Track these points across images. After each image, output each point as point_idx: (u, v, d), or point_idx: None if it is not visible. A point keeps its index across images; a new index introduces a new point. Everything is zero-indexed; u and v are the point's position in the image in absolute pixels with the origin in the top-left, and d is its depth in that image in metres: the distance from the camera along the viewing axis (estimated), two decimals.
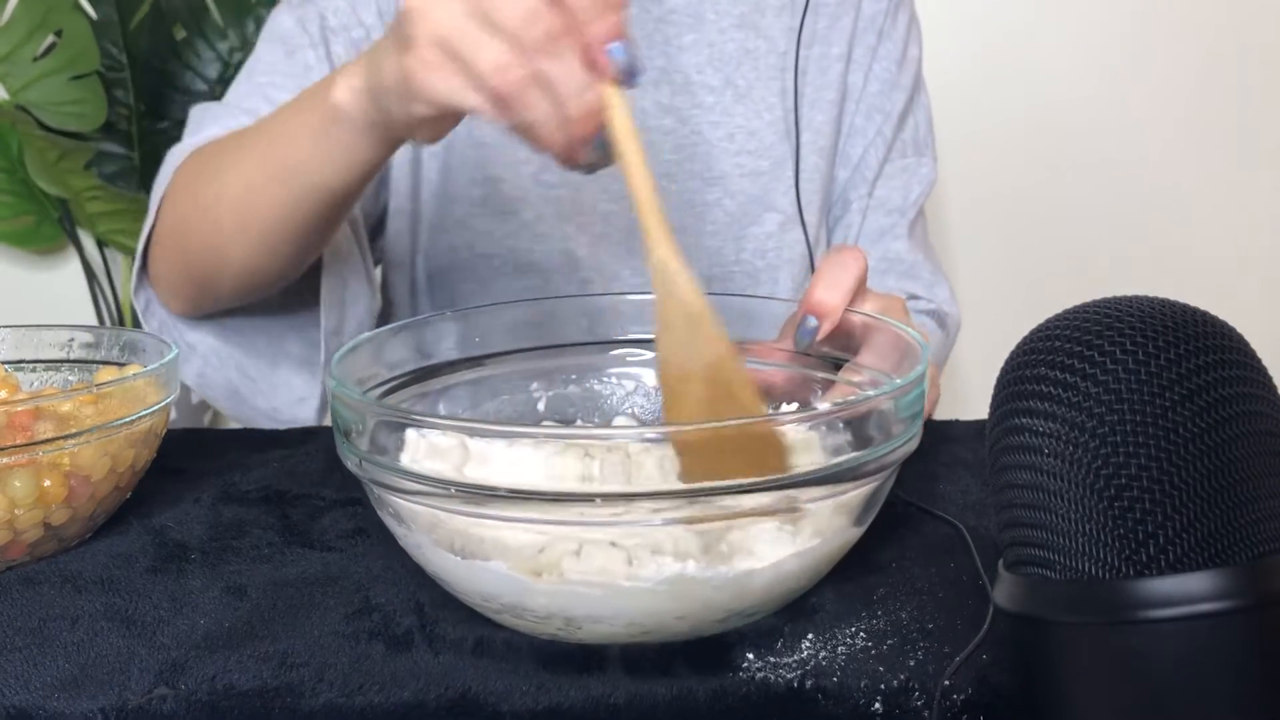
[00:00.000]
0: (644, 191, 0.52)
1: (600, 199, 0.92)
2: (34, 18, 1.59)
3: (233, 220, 0.71)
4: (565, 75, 0.51)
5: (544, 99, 0.51)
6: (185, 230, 0.76)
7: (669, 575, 0.46)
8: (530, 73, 0.51)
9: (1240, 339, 0.40)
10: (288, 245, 0.71)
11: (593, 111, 0.52)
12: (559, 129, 0.52)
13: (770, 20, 0.95)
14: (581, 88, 0.51)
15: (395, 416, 0.50)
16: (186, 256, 0.76)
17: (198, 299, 0.79)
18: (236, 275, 0.74)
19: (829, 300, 0.58)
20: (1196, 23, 1.70)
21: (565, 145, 0.53)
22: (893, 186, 0.98)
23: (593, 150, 0.53)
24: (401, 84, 0.55)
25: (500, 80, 0.51)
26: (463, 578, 0.49)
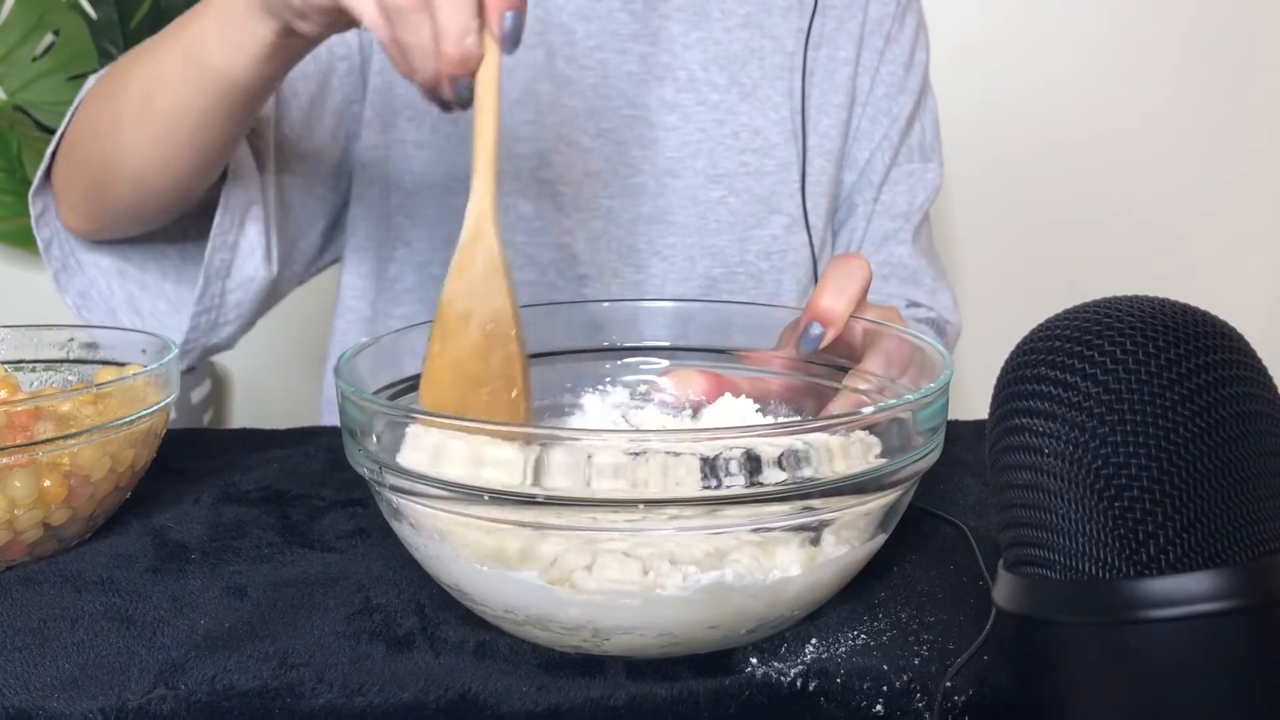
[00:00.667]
0: (485, 144, 0.55)
1: (600, 194, 0.92)
2: (31, 18, 1.59)
3: (134, 113, 0.72)
4: (453, 14, 0.54)
5: (426, 26, 0.54)
6: (90, 126, 0.76)
7: (706, 584, 0.45)
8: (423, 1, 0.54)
9: (1240, 339, 0.40)
10: (186, 137, 0.71)
11: (469, 56, 0.54)
12: (431, 59, 0.55)
13: (776, 20, 0.95)
14: (465, 31, 0.54)
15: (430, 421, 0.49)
16: (87, 157, 0.76)
17: (93, 209, 0.79)
18: (134, 175, 0.74)
19: (834, 308, 0.58)
20: (1198, 26, 1.70)
21: (433, 77, 0.56)
22: (898, 191, 0.98)
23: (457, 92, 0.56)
24: None
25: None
26: (488, 590, 0.48)
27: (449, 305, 0.56)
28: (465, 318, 0.55)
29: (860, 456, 0.48)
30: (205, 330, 0.83)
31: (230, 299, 0.82)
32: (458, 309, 0.55)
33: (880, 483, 0.47)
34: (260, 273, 0.82)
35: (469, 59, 0.55)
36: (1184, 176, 1.75)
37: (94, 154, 0.76)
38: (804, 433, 0.46)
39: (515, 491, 0.45)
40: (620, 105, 0.92)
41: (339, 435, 0.76)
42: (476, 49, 0.54)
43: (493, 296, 0.55)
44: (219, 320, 0.83)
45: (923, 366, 0.57)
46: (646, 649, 0.48)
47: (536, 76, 0.90)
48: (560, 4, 0.91)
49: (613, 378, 0.66)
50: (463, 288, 0.56)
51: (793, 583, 0.47)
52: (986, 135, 1.70)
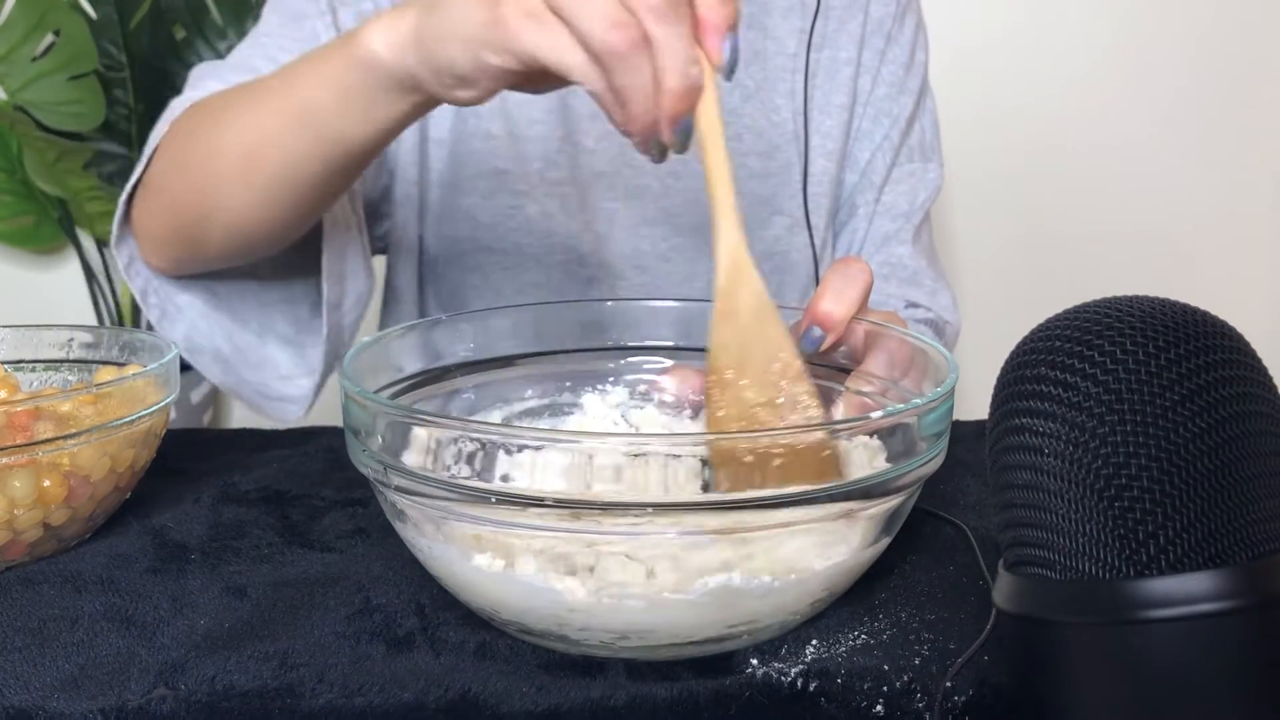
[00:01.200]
0: (725, 179, 0.52)
1: (606, 196, 0.92)
2: (32, 18, 1.59)
3: (236, 166, 0.69)
4: (675, 45, 0.49)
5: (647, 65, 0.49)
6: (180, 177, 0.74)
7: (714, 587, 0.45)
8: (641, 35, 0.49)
9: (1240, 339, 0.40)
10: (290, 198, 0.69)
11: (693, 89, 0.50)
12: (651, 102, 0.50)
13: (778, 21, 0.95)
14: (688, 61, 0.49)
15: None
16: (178, 205, 0.74)
17: (181, 255, 0.78)
18: (229, 227, 0.72)
19: (835, 312, 0.58)
20: (1198, 27, 1.70)
21: (652, 120, 0.51)
22: (899, 192, 0.98)
23: (678, 133, 0.51)
24: (486, 31, 0.52)
25: (608, 37, 0.48)
26: (491, 590, 0.48)
27: (722, 352, 0.52)
28: (741, 364, 0.52)
29: (866, 462, 0.48)
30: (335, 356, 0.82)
31: (347, 321, 0.82)
32: (731, 358, 0.52)
33: (886, 488, 0.47)
34: (366, 285, 0.81)
35: (693, 91, 0.50)
36: (1184, 177, 1.75)
37: (185, 205, 0.74)
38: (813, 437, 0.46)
39: (521, 493, 0.45)
40: None
41: (339, 435, 0.77)
42: (700, 79, 0.50)
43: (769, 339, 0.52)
44: (345, 341, 0.82)
45: (925, 369, 0.57)
46: (651, 653, 0.48)
47: None
48: None
49: (615, 377, 0.66)
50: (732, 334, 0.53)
51: (799, 586, 0.47)
52: (987, 137, 1.70)
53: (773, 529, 0.46)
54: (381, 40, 0.58)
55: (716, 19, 0.50)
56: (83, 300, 1.76)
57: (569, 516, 0.44)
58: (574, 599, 0.46)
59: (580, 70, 0.50)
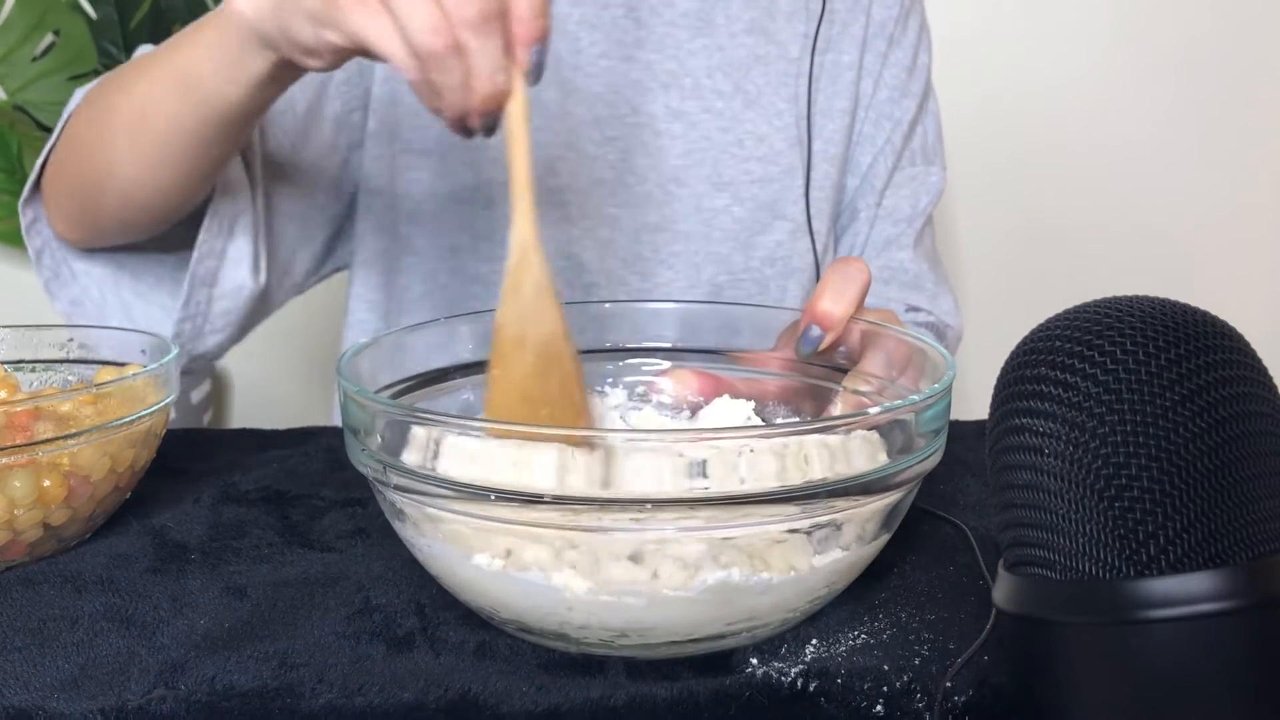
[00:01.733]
0: (521, 173, 0.56)
1: (606, 203, 0.92)
2: (32, 18, 1.59)
3: (126, 131, 0.72)
4: (485, 54, 0.54)
5: (459, 67, 0.54)
6: (78, 145, 0.76)
7: (712, 584, 0.45)
8: (454, 41, 0.54)
9: (1240, 339, 0.40)
10: (176, 158, 0.71)
11: (500, 93, 0.55)
12: (462, 98, 0.55)
13: (781, 25, 0.95)
14: (495, 69, 0.54)
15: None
16: (78, 169, 0.76)
17: (82, 219, 0.79)
18: (120, 193, 0.74)
19: (834, 312, 0.58)
20: (1197, 26, 1.70)
21: (461, 114, 0.56)
22: (901, 196, 0.98)
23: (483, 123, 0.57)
24: (324, 8, 0.56)
25: (425, 39, 0.53)
26: (492, 590, 0.48)
27: (502, 329, 0.56)
28: (520, 341, 0.56)
29: (865, 458, 0.48)
30: (190, 337, 0.82)
31: (216, 307, 0.82)
32: (511, 333, 0.56)
33: (884, 484, 0.47)
34: (248, 283, 0.81)
35: (500, 95, 0.55)
36: (1185, 177, 1.75)
37: (83, 168, 0.76)
38: (810, 434, 0.46)
39: (521, 491, 0.45)
40: (625, 113, 0.92)
41: (339, 435, 0.77)
42: (507, 85, 0.55)
43: (544, 320, 0.56)
44: (204, 329, 0.82)
45: (923, 367, 0.57)
46: (651, 651, 0.48)
47: (543, 84, 0.90)
48: (565, 12, 0.91)
49: (615, 378, 0.66)
50: (514, 312, 0.56)
51: (798, 583, 0.47)
52: (988, 137, 1.70)
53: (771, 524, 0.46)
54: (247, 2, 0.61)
55: (524, 33, 0.55)
56: None
57: (568, 514, 0.44)
58: (573, 596, 0.46)
59: (400, 60, 0.55)
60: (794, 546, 0.47)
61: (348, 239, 0.95)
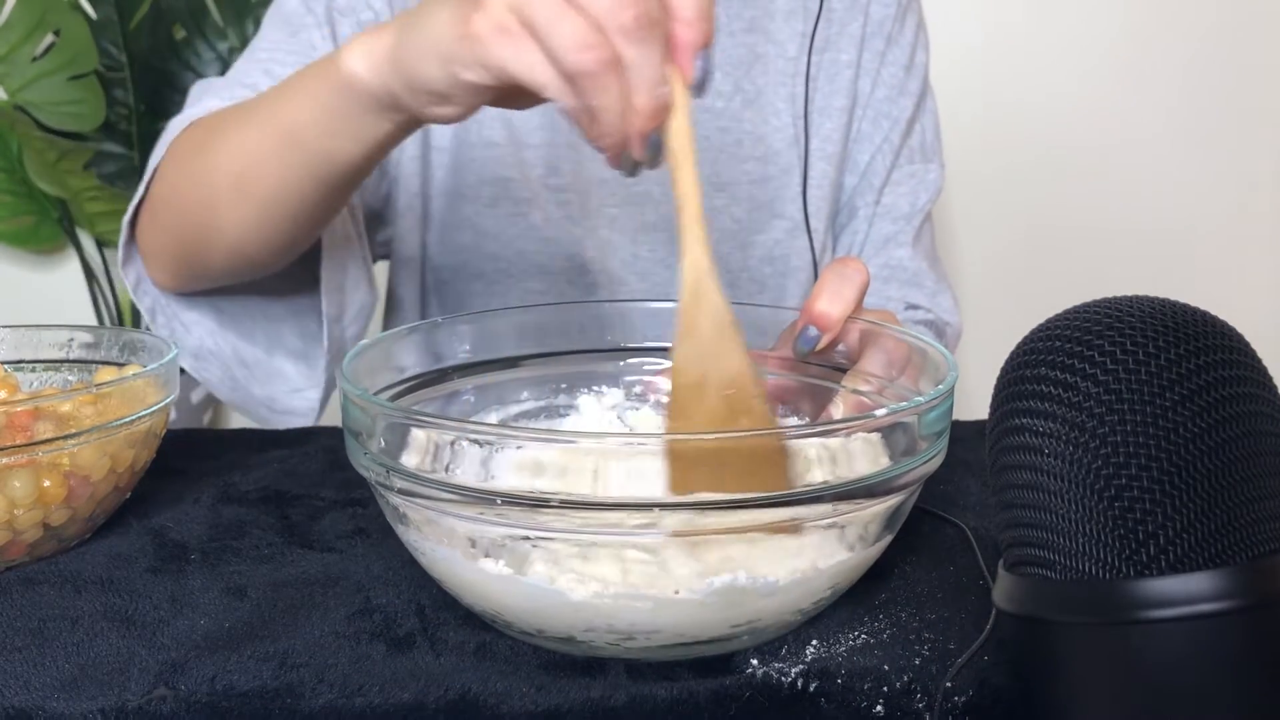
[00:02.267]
0: (693, 197, 0.51)
1: (608, 203, 0.92)
2: (32, 18, 1.59)
3: (230, 188, 0.69)
4: (645, 65, 0.49)
5: (617, 85, 0.50)
6: (179, 197, 0.74)
7: (719, 586, 0.45)
8: (611, 55, 0.49)
9: (1240, 339, 0.40)
10: (285, 218, 0.69)
11: (662, 108, 0.50)
12: (622, 119, 0.51)
13: (779, 25, 0.94)
14: (657, 81, 0.50)
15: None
16: (179, 225, 0.74)
17: (186, 273, 0.78)
18: (229, 247, 0.72)
19: (831, 312, 0.58)
20: (1198, 27, 1.70)
21: (623, 138, 0.51)
22: (899, 194, 0.98)
23: (649, 148, 0.52)
24: (459, 46, 0.52)
25: (578, 58, 0.49)
26: (496, 593, 0.48)
27: (681, 373, 0.52)
28: (700, 385, 0.52)
29: (868, 460, 0.48)
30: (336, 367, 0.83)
31: (350, 333, 0.82)
32: (691, 377, 0.52)
33: (888, 486, 0.47)
34: (368, 298, 0.81)
35: (662, 110, 0.50)
36: (1184, 177, 1.75)
37: (186, 224, 0.74)
38: (813, 436, 0.46)
39: (526, 495, 0.44)
40: None
41: (339, 435, 0.76)
42: (669, 98, 0.50)
43: (727, 358, 0.52)
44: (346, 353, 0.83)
45: (924, 367, 0.57)
46: (656, 653, 0.48)
47: None
48: None
49: (615, 378, 0.66)
50: (693, 352, 0.52)
51: (803, 585, 0.47)
52: (988, 136, 1.70)
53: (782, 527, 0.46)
54: (360, 60, 0.58)
55: (690, 38, 0.50)
56: (83, 300, 1.76)
57: (574, 517, 0.44)
58: (579, 600, 0.46)
59: (553, 88, 0.50)
60: (799, 549, 0.47)
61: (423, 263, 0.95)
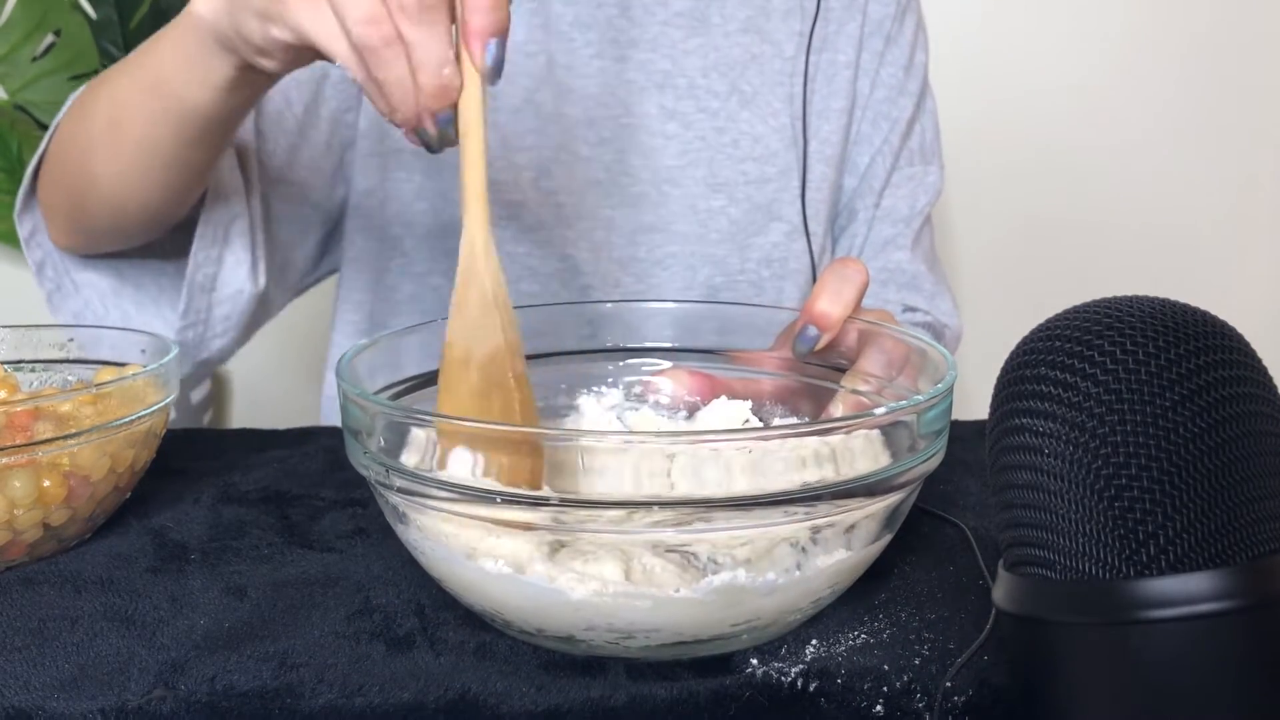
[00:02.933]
0: (474, 178, 0.53)
1: (602, 205, 0.92)
2: (33, 18, 1.59)
3: (103, 137, 0.71)
4: (428, 46, 0.52)
5: (400, 62, 0.52)
6: (64, 149, 0.76)
7: (719, 585, 0.45)
8: (394, 32, 0.52)
9: (1240, 339, 0.40)
10: (152, 167, 0.70)
11: (447, 88, 0.53)
12: (409, 94, 0.53)
13: (776, 25, 0.94)
14: (441, 62, 0.52)
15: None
16: (64, 178, 0.76)
17: (75, 230, 0.79)
18: (105, 199, 0.73)
19: (831, 313, 0.58)
20: (1197, 27, 1.70)
21: (411, 112, 0.54)
22: (899, 196, 0.97)
23: (439, 126, 0.54)
24: (269, 5, 0.55)
25: (364, 32, 0.52)
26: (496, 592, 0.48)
27: (450, 347, 0.54)
28: (465, 359, 0.54)
29: (868, 459, 0.48)
30: (194, 345, 0.82)
31: (217, 313, 0.82)
32: (457, 351, 0.54)
33: (888, 485, 0.47)
34: (247, 286, 0.81)
35: (448, 90, 0.53)
36: (1184, 177, 1.75)
37: (68, 175, 0.76)
38: (813, 435, 0.46)
39: (527, 493, 0.44)
40: (619, 113, 0.92)
41: (339, 435, 0.76)
42: (455, 79, 0.52)
43: (489, 336, 0.53)
44: (206, 335, 0.82)
45: (923, 367, 0.57)
46: (655, 652, 0.48)
47: (537, 85, 0.90)
48: (559, 12, 0.91)
49: (614, 379, 0.66)
50: (461, 328, 0.54)
51: (802, 583, 0.47)
52: (987, 136, 1.70)
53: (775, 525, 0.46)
54: (204, 2, 0.61)
55: (478, 24, 0.52)
56: None
57: (574, 515, 0.44)
58: (579, 599, 0.46)
59: (343, 57, 0.53)
60: (798, 548, 0.47)
61: (339, 239, 0.95)
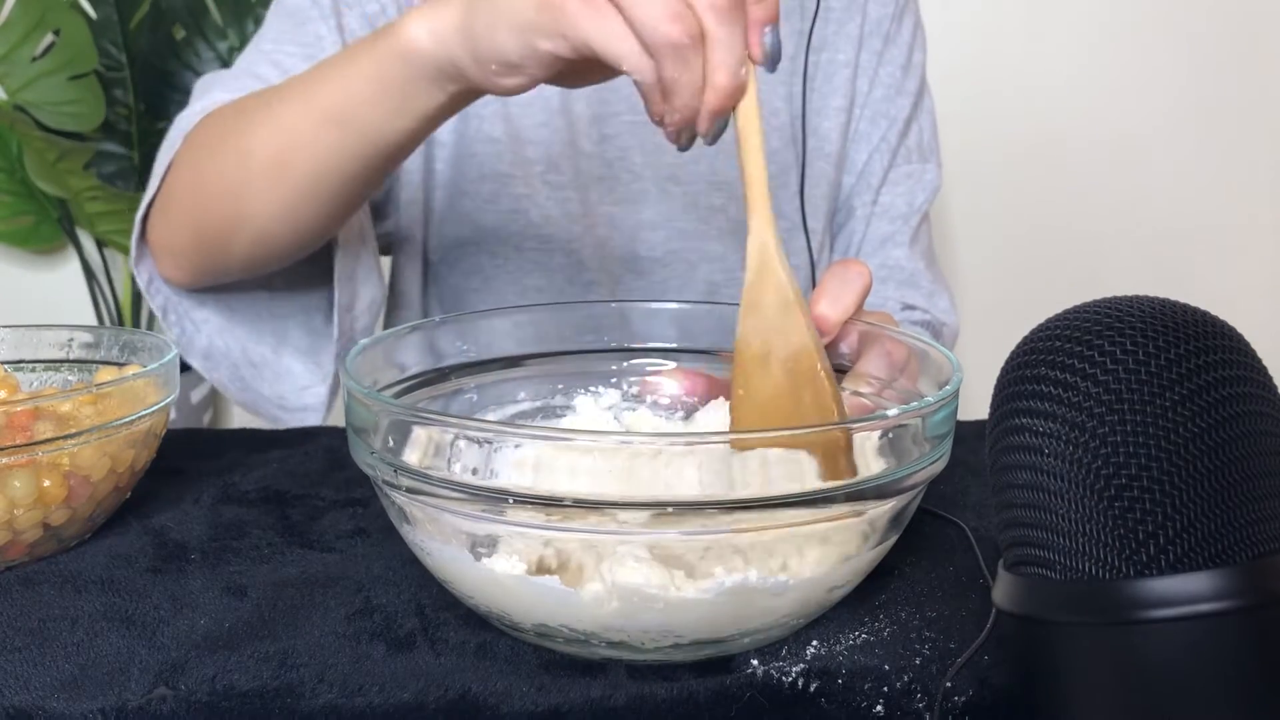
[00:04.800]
0: (759, 174, 0.52)
1: (605, 200, 0.92)
2: (32, 17, 1.59)
3: (265, 172, 0.69)
4: (730, 43, 0.50)
5: (697, 62, 0.50)
6: (202, 187, 0.73)
7: (730, 586, 0.45)
8: (698, 30, 0.49)
9: (1240, 339, 0.40)
10: (323, 199, 0.69)
11: (740, 88, 0.51)
12: (696, 96, 0.51)
13: None
14: (741, 60, 0.50)
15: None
16: (199, 217, 0.74)
17: (203, 268, 0.77)
18: (256, 236, 0.72)
19: (830, 315, 0.58)
20: (1196, 27, 1.70)
21: (693, 115, 0.52)
22: (897, 194, 0.98)
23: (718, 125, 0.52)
24: (540, 15, 0.52)
25: (667, 29, 0.49)
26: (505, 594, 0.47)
27: (746, 346, 0.53)
28: (764, 358, 0.53)
29: (875, 462, 0.48)
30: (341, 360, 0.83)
31: (359, 325, 0.82)
32: (755, 349, 0.53)
33: (896, 487, 0.47)
34: (378, 291, 0.81)
35: (740, 90, 0.51)
36: (1184, 176, 1.75)
37: (209, 216, 0.73)
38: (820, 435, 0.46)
39: (539, 494, 0.44)
40: (623, 111, 0.92)
41: (339, 435, 0.77)
42: (746, 78, 0.51)
43: (791, 332, 0.53)
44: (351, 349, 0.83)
45: (924, 368, 0.57)
46: (668, 653, 0.47)
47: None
48: None
49: (616, 378, 0.66)
50: (757, 326, 0.53)
51: (812, 585, 0.47)
52: (986, 135, 1.70)
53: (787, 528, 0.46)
54: (424, 29, 0.59)
55: (760, 14, 0.51)
56: (83, 300, 1.76)
57: (586, 517, 0.44)
58: (590, 600, 0.45)
59: (632, 59, 0.51)
60: (807, 549, 0.47)
61: None
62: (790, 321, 0.53)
